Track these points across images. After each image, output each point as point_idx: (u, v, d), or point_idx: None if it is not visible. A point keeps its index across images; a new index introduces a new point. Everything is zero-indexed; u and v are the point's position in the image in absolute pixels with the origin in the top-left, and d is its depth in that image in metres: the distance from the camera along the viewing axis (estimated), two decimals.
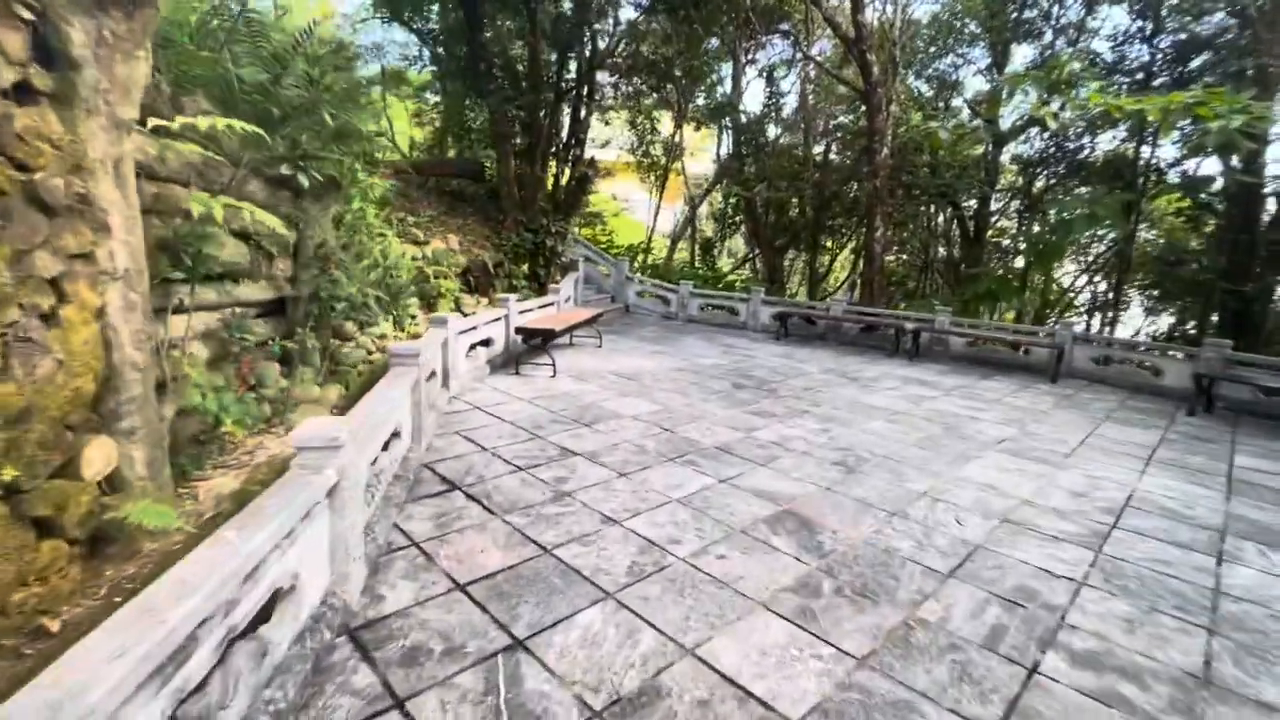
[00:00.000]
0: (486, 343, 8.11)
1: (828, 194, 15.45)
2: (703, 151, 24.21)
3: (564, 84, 11.44)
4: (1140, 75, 12.30)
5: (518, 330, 8.01)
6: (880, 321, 11.73)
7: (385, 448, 4.26)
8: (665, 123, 22.00)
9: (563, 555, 3.60)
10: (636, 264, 16.90)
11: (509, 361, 8.20)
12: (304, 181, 5.11)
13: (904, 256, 22.53)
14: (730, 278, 19.67)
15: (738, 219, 18.57)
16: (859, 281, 13.47)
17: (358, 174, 6.50)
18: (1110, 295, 16.04)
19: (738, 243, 22.70)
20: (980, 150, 16.66)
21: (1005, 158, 16.06)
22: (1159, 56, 12.28)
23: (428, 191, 11.50)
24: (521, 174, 11.00)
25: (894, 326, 11.27)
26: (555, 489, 4.51)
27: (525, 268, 10.77)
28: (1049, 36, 15.33)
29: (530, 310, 9.38)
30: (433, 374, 6.11)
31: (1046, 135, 13.51)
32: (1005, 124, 14.48)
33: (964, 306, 12.18)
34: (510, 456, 5.10)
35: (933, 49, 15.96)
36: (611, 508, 4.24)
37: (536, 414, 6.32)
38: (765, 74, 15.61)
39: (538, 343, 8.17)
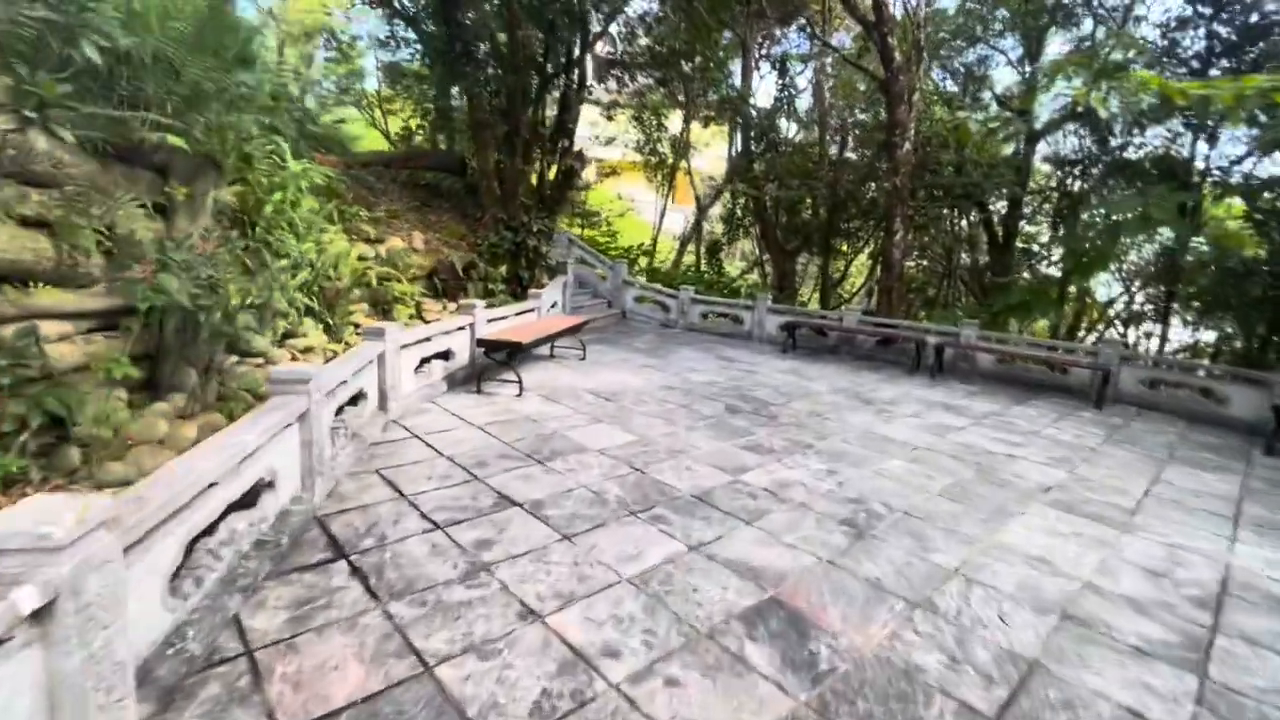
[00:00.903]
0: (446, 356, 7.12)
1: (843, 193, 14.29)
2: (713, 150, 23.14)
3: (550, 69, 10.43)
4: (1195, 64, 11.04)
5: (479, 342, 7.01)
6: (899, 334, 10.58)
7: (246, 504, 3.26)
8: (675, 120, 21.01)
9: (447, 677, 2.57)
10: (639, 267, 15.88)
11: (472, 377, 7.20)
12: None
13: (924, 263, 21.28)
14: (739, 283, 18.56)
15: (746, 220, 17.45)
16: (875, 289, 12.27)
17: (283, 156, 5.54)
18: (1147, 306, 14.72)
19: (749, 247, 21.58)
20: (1009, 149, 15.44)
21: (1037, 158, 14.82)
22: (1216, 43, 11.00)
23: (400, 185, 10.59)
24: (502, 167, 10.02)
25: (914, 340, 10.12)
26: (472, 559, 3.48)
27: (504, 270, 9.79)
28: (1089, 25, 14.09)
29: (503, 318, 8.38)
30: (357, 397, 5.12)
31: (1085, 131, 12.27)
32: (1041, 119, 13.27)
33: (992, 319, 10.99)
34: (431, 507, 4.09)
35: (959, 40, 14.75)
36: (538, 591, 3.21)
37: (484, 446, 5.31)
38: (777, 65, 14.50)
39: (502, 358, 7.15)
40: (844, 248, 17.23)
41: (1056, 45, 15.37)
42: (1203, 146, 10.63)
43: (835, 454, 5.69)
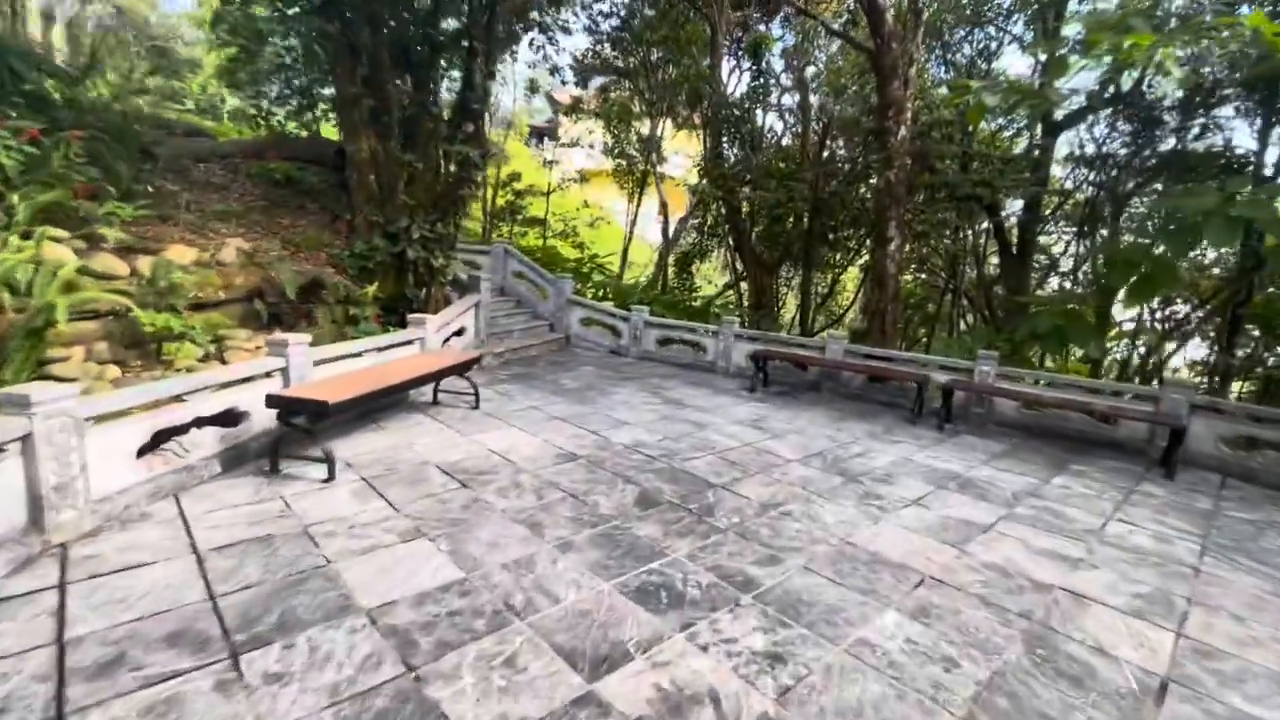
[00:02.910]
0: (230, 420, 4.83)
1: (826, 194, 12.12)
2: (690, 155, 21.11)
3: (444, 34, 8.20)
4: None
5: (269, 401, 4.72)
6: (895, 371, 8.33)
7: None
8: (647, 123, 18.96)
9: None
10: (594, 282, 13.65)
11: (268, 450, 4.90)
12: None
13: (923, 275, 19.08)
14: (709, 301, 16.32)
15: (720, 229, 15.27)
16: (869, 311, 10.04)
17: None
18: (1189, 327, 12.52)
19: (727, 260, 19.39)
20: (1020, 144, 13.31)
21: (1058, 154, 12.66)
22: None
23: (254, 180, 8.42)
24: (377, 156, 7.81)
25: (916, 379, 7.87)
26: None
27: (374, 289, 7.54)
28: None
29: (338, 358, 6.10)
30: None
31: (1123, 117, 10.14)
32: (1061, 109, 11.13)
33: (1012, 349, 8.78)
34: None
35: (960, 23, 12.66)
36: None
37: (167, 603, 3.03)
38: (750, 50, 12.41)
39: (304, 423, 4.85)
40: (831, 259, 15.03)
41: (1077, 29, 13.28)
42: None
43: (790, 605, 3.41)
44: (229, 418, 4.79)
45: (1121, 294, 6.92)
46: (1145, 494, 5.70)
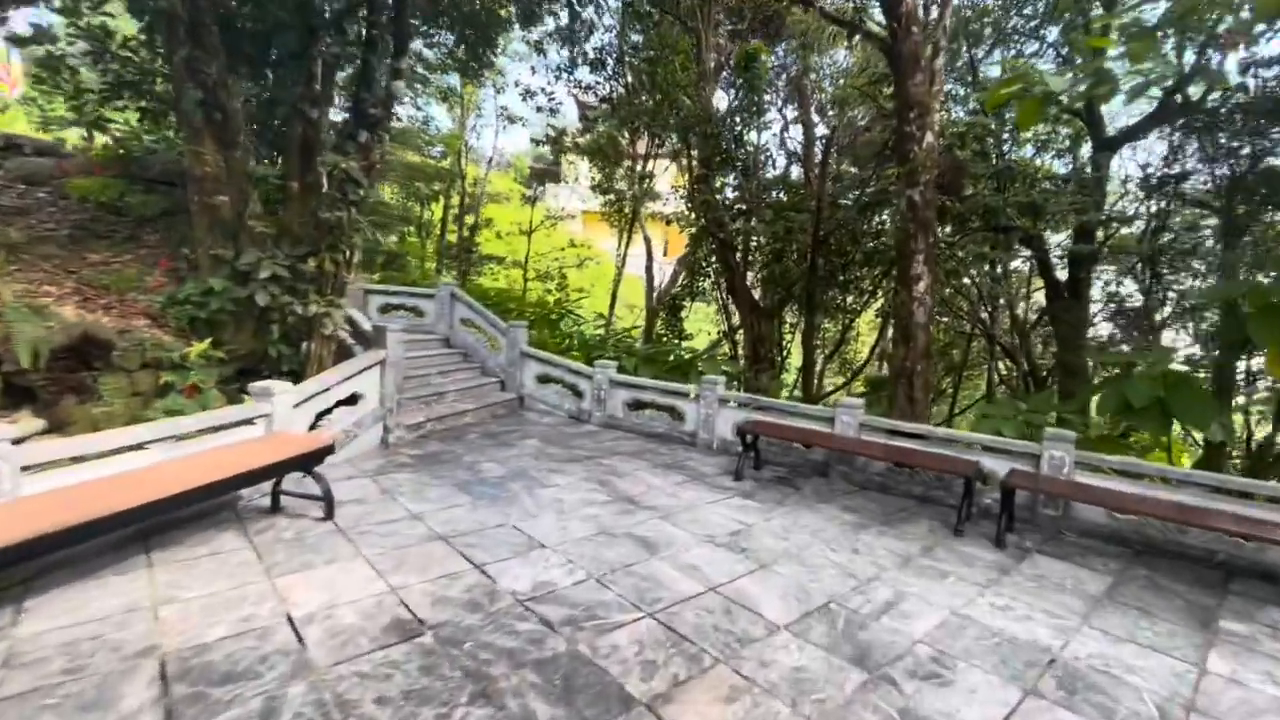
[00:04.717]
0: None
1: (833, 224, 10.11)
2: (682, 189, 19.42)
3: (323, 13, 6.35)
4: None
5: None
6: (932, 457, 6.11)
7: None
8: (636, 152, 17.35)
9: None
10: (557, 331, 11.64)
11: None
12: None
13: (943, 319, 16.88)
14: (712, 354, 14.21)
15: (711, 268, 13.30)
16: (893, 373, 7.79)
17: None
18: None
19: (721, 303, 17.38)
20: (1056, 166, 11.31)
21: (1116, 175, 10.62)
22: None
23: (60, 201, 6.63)
24: (216, 170, 5.93)
25: (962, 471, 5.65)
26: None
27: (205, 345, 5.53)
28: None
29: (107, 454, 4.06)
30: None
31: (1202, 129, 8.15)
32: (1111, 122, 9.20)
33: (1084, 424, 6.56)
34: None
35: (986, 31, 10.88)
36: None
37: None
38: (739, 62, 10.67)
39: None
40: (841, 303, 12.93)
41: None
42: None
43: None
44: None
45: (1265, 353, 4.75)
46: None
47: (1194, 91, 8.97)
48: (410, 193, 19.63)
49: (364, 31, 6.32)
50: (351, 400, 6.55)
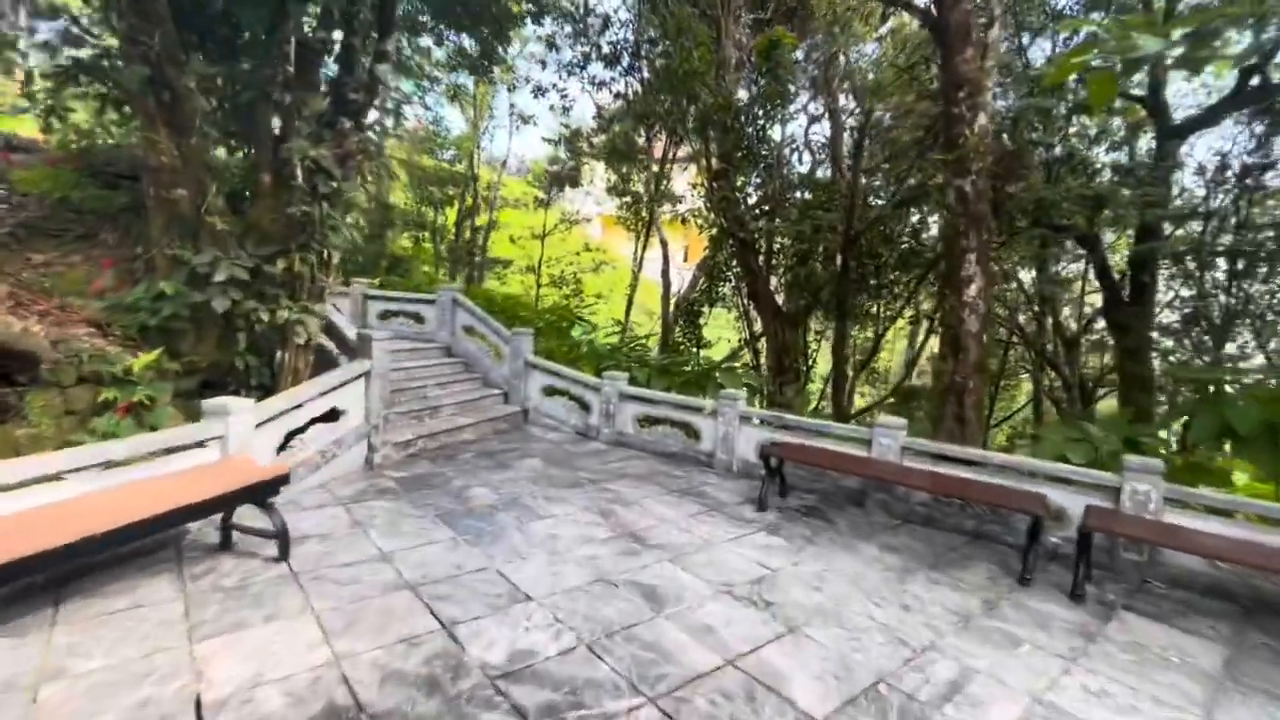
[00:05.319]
0: None
1: (865, 223, 9.22)
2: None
3: None
4: None
5: None
6: (988, 493, 5.24)
7: None
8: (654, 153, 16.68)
9: None
10: (565, 340, 10.93)
11: None
12: None
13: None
14: (732, 364, 13.41)
15: (731, 271, 12.49)
16: (939, 388, 6.88)
17: None
18: None
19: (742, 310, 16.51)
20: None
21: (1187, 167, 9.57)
22: None
23: (27, 204, 6.10)
24: (173, 161, 5.32)
25: (1026, 508, 4.78)
26: None
27: (156, 356, 4.89)
28: None
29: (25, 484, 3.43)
30: None
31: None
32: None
33: (1165, 449, 5.65)
34: None
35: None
36: None
37: None
38: (761, 50, 9.87)
39: None
40: (874, 309, 11.99)
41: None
42: None
43: None
44: None
45: None
46: None
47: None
48: (423, 197, 19.20)
49: (343, 8, 5.70)
50: (331, 416, 5.90)
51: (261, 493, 4.08)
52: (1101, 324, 12.81)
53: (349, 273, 11.64)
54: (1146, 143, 10.09)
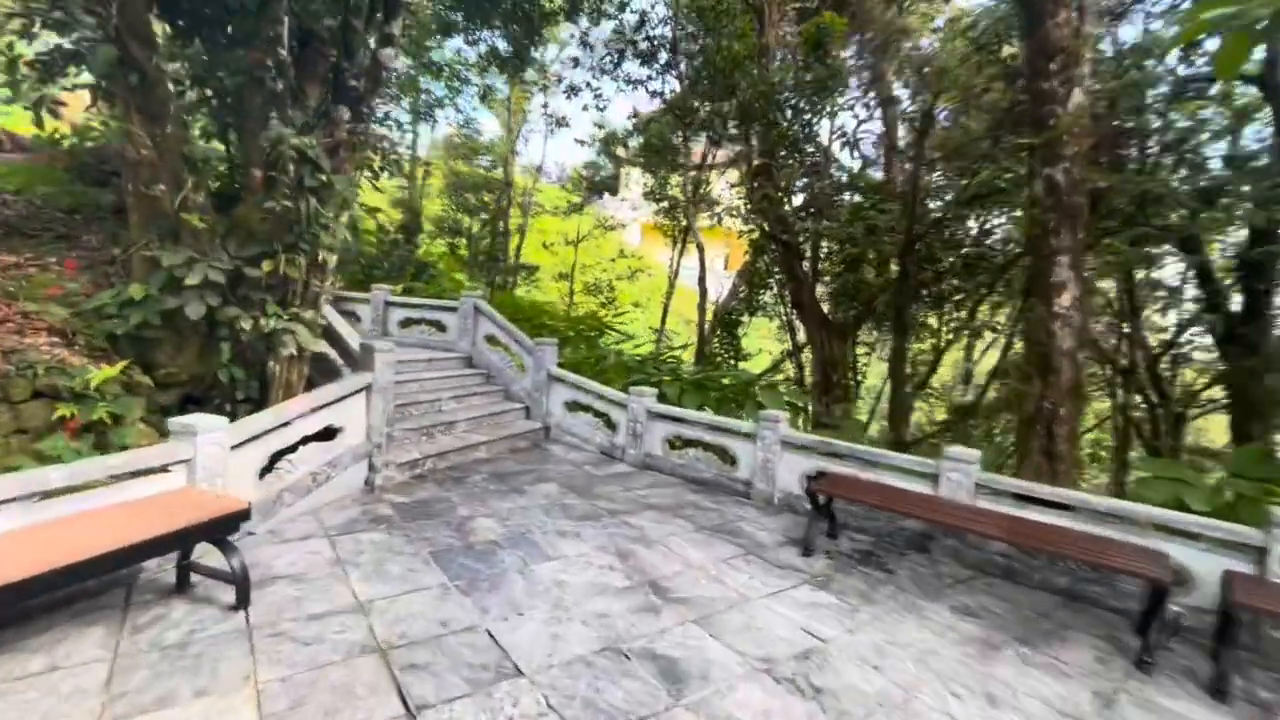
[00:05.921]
0: None
1: (926, 222, 8.22)
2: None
3: None
4: None
5: None
6: (1092, 549, 4.27)
7: None
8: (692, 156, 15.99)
9: None
10: (591, 352, 10.25)
11: None
12: None
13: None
14: (773, 378, 12.53)
15: (773, 277, 11.62)
16: (1023, 416, 5.85)
17: None
18: None
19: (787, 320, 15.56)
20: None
21: None
22: None
23: (21, 203, 5.78)
24: (151, 153, 4.85)
25: (1146, 575, 3.82)
26: None
27: (120, 368, 4.41)
28: None
29: None
30: None
31: None
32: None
33: None
34: None
35: None
36: None
37: None
38: (808, 40, 9.04)
39: None
40: (937, 320, 10.86)
41: None
42: None
43: None
44: None
45: None
46: None
47: None
48: (459, 204, 18.96)
49: None
50: (328, 434, 5.36)
51: (219, 528, 3.51)
52: (1189, 339, 11.45)
53: (374, 278, 11.27)
54: (1254, 131, 8.85)
